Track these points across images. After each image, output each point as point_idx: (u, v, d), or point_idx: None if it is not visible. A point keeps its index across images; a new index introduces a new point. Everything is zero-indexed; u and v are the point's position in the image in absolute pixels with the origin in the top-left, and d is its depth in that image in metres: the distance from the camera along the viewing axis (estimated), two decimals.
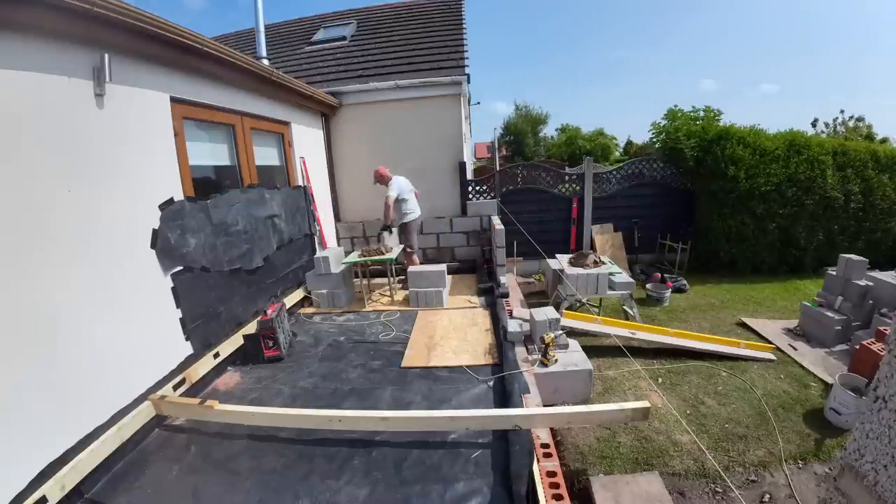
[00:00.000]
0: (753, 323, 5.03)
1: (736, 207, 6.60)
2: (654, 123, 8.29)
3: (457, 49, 6.74)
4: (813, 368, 3.99)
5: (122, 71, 2.48)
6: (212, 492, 2.08)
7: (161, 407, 2.57)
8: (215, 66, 3.23)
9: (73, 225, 2.19)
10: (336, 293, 4.66)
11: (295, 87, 4.54)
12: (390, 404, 2.77)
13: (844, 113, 16.52)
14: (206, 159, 3.56)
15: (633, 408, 2.19)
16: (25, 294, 1.93)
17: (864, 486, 1.14)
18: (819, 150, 6.64)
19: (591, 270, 5.03)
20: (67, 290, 2.13)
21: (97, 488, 2.11)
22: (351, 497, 1.98)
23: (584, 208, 7.36)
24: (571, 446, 3.10)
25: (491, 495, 1.95)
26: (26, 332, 1.93)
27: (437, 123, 5.92)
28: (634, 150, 24.92)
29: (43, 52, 2.06)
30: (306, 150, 5.20)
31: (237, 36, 9.38)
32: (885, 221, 6.88)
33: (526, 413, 2.29)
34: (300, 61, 7.44)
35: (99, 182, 2.35)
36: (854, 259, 4.51)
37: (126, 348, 2.46)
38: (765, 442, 3.06)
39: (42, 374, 1.98)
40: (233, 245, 3.51)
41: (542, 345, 3.45)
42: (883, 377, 1.12)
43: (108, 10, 2.15)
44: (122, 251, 2.49)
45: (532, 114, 29.74)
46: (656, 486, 2.59)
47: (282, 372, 3.28)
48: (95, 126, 2.36)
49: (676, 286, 6.27)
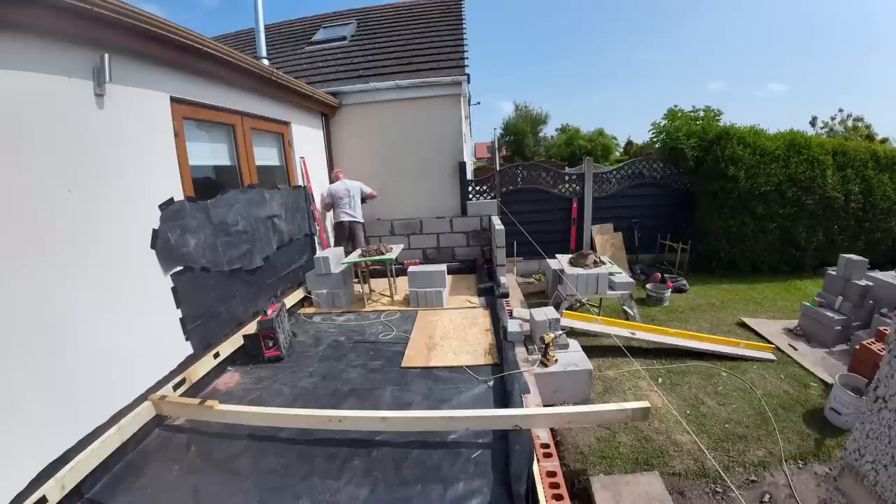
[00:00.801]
0: (753, 323, 5.03)
1: (736, 207, 6.61)
2: (654, 123, 8.31)
3: (457, 49, 6.74)
4: (813, 368, 4.00)
5: (122, 71, 2.48)
6: (212, 492, 2.08)
7: (161, 407, 2.57)
8: (215, 66, 3.23)
9: (72, 225, 2.18)
10: (336, 293, 4.65)
11: (295, 87, 4.54)
12: (390, 404, 2.77)
13: (843, 112, 16.51)
14: (207, 159, 3.56)
15: (633, 408, 2.18)
16: (25, 294, 1.93)
17: (864, 486, 1.14)
18: (819, 150, 6.65)
19: (591, 270, 5.03)
20: (67, 291, 2.13)
21: (97, 488, 2.11)
22: (351, 497, 1.98)
23: (584, 208, 7.37)
24: (571, 446, 3.10)
25: (491, 495, 1.95)
26: (26, 332, 1.92)
27: (437, 123, 5.92)
28: (634, 150, 24.93)
29: (43, 53, 2.06)
30: (306, 150, 5.20)
31: (237, 36, 9.39)
32: (885, 221, 6.88)
33: (526, 413, 2.29)
34: (300, 61, 7.44)
35: (99, 182, 2.35)
36: (854, 259, 4.51)
37: (126, 348, 2.46)
38: (765, 442, 3.06)
39: (42, 374, 1.98)
40: (233, 245, 3.51)
41: (542, 345, 3.45)
42: (883, 377, 1.12)
43: (108, 11, 2.15)
44: (122, 251, 2.49)
45: (532, 114, 29.77)
46: (656, 486, 2.59)
47: (282, 372, 3.28)
48: (95, 126, 2.36)
49: (676, 286, 6.27)
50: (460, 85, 5.75)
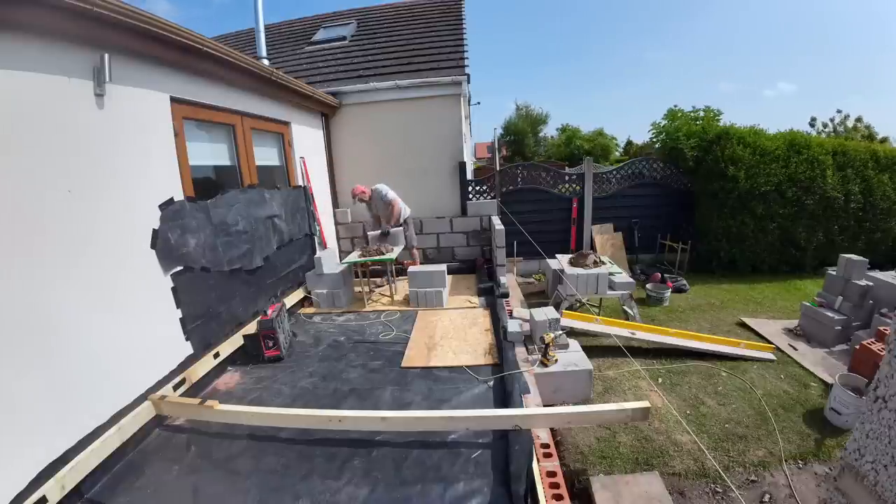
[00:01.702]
0: (753, 323, 5.03)
1: (736, 207, 6.61)
2: (654, 123, 8.32)
3: (457, 49, 6.74)
4: (813, 368, 3.99)
5: (122, 71, 2.48)
6: (212, 492, 2.08)
7: (161, 407, 2.57)
8: (216, 66, 3.23)
9: (73, 225, 2.18)
10: (336, 293, 4.66)
11: (295, 87, 4.54)
12: (390, 404, 2.77)
13: (841, 113, 16.49)
14: (207, 159, 3.56)
15: (633, 408, 2.18)
16: (25, 294, 1.93)
17: (864, 486, 1.14)
18: (819, 150, 6.64)
19: (591, 270, 5.03)
20: (67, 290, 2.13)
21: (97, 488, 2.11)
22: (351, 497, 1.98)
23: (584, 208, 7.37)
24: (571, 446, 3.10)
25: (491, 495, 1.95)
26: (26, 332, 1.92)
27: (437, 123, 5.92)
28: (634, 150, 24.92)
29: (43, 53, 2.06)
30: (306, 150, 5.20)
31: (237, 36, 9.38)
32: (885, 221, 6.88)
33: (526, 413, 2.29)
34: (300, 61, 7.43)
35: (99, 182, 2.35)
36: (854, 259, 4.51)
37: (126, 348, 2.46)
38: (765, 442, 3.06)
39: (42, 374, 1.98)
40: (233, 245, 3.51)
41: (542, 345, 3.45)
42: (883, 377, 1.12)
43: (108, 10, 2.15)
44: (122, 251, 2.49)
45: (532, 114, 29.76)
46: (656, 486, 2.59)
47: (282, 372, 3.28)
48: (95, 126, 2.36)
49: (676, 286, 6.27)
50: (460, 85, 5.75)
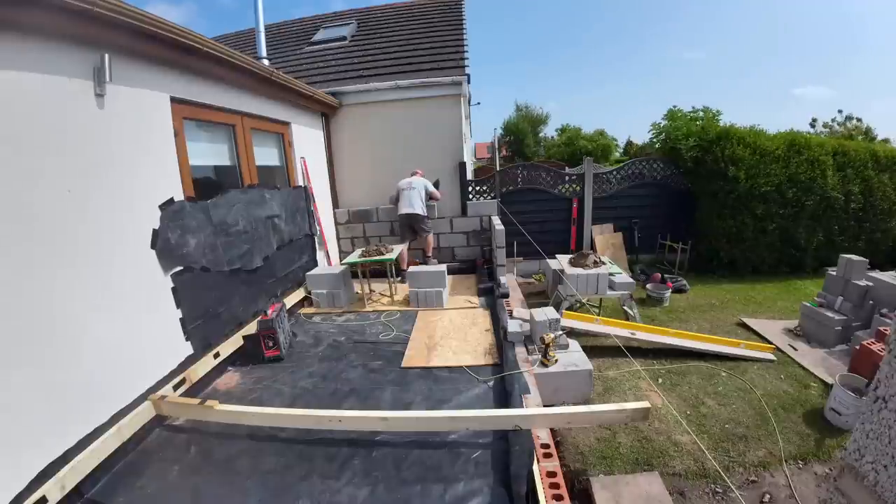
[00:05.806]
0: (753, 323, 5.03)
1: (736, 207, 6.61)
2: (654, 124, 8.31)
3: (457, 49, 6.74)
4: (813, 368, 3.99)
5: (122, 71, 2.48)
6: (212, 492, 2.08)
7: (161, 407, 2.57)
8: (215, 66, 3.23)
9: (73, 225, 2.18)
10: (336, 293, 4.65)
11: (295, 87, 4.54)
12: (390, 404, 2.77)
13: (842, 114, 16.51)
14: (207, 159, 3.56)
15: (633, 408, 2.18)
16: (25, 294, 1.93)
17: (864, 486, 1.14)
18: (819, 150, 6.64)
19: (591, 271, 5.03)
20: (67, 290, 2.13)
21: (97, 488, 2.11)
22: (351, 497, 1.98)
23: (584, 208, 7.37)
24: (571, 446, 3.10)
25: (491, 495, 1.95)
26: (26, 331, 1.92)
27: (437, 123, 5.92)
28: (634, 150, 24.92)
29: (43, 53, 2.06)
30: (306, 150, 5.20)
31: (237, 36, 9.39)
32: (885, 221, 6.88)
33: (526, 413, 2.29)
34: (300, 61, 7.43)
35: (99, 182, 2.35)
36: (854, 259, 4.51)
37: (126, 348, 2.46)
38: (765, 442, 3.06)
39: (42, 374, 1.98)
40: (233, 245, 3.51)
41: (542, 345, 3.45)
42: (883, 377, 1.11)
43: (108, 10, 2.15)
44: (122, 251, 2.49)
45: (533, 114, 29.76)
46: (656, 487, 2.59)
47: (282, 372, 3.28)
48: (95, 126, 2.36)
49: (676, 286, 6.27)
50: (460, 85, 5.75)
